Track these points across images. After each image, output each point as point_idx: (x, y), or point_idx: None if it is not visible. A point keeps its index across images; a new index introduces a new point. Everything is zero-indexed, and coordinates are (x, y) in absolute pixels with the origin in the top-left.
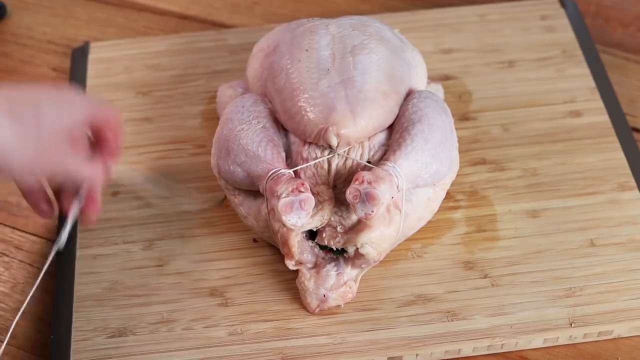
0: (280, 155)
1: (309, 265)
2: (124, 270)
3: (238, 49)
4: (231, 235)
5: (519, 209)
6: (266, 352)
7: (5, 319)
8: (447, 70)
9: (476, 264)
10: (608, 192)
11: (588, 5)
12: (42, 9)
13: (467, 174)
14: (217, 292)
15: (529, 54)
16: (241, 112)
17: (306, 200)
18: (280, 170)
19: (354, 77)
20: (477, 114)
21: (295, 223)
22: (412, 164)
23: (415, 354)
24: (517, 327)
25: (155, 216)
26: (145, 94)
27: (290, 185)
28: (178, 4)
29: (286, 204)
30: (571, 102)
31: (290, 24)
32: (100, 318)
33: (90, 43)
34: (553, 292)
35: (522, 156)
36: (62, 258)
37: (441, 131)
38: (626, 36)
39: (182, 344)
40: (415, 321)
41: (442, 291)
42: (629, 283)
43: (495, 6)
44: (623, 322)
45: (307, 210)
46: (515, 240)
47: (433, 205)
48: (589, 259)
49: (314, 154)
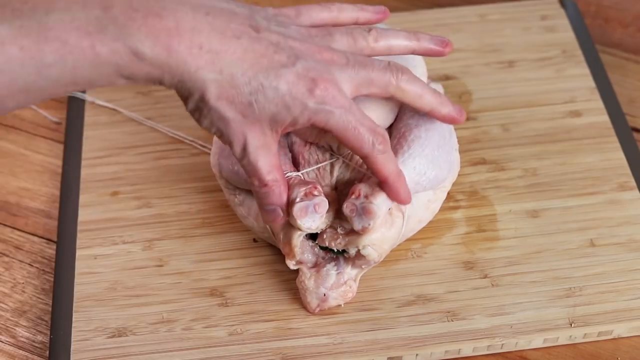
0: (287, 156)
1: (309, 264)
2: (124, 270)
3: None
4: (231, 235)
5: (519, 209)
6: (266, 352)
7: (5, 319)
8: (447, 70)
9: (476, 264)
10: (608, 192)
11: (588, 5)
12: None
13: (467, 174)
14: (217, 292)
15: (529, 54)
16: None
17: (320, 203)
18: (288, 173)
19: None
20: (477, 114)
21: (309, 226)
22: (410, 171)
23: (415, 354)
24: (517, 327)
25: (155, 216)
26: (145, 94)
27: (302, 189)
28: None
29: (301, 209)
30: (571, 102)
31: None
32: (100, 318)
33: None
34: (553, 292)
35: (522, 156)
36: (62, 258)
37: (439, 135)
38: (626, 36)
39: (182, 344)
40: (415, 321)
41: (442, 291)
42: (629, 283)
43: (495, 6)
44: (623, 322)
45: (322, 213)
46: (515, 240)
47: (433, 206)
48: (589, 259)
49: (315, 155)
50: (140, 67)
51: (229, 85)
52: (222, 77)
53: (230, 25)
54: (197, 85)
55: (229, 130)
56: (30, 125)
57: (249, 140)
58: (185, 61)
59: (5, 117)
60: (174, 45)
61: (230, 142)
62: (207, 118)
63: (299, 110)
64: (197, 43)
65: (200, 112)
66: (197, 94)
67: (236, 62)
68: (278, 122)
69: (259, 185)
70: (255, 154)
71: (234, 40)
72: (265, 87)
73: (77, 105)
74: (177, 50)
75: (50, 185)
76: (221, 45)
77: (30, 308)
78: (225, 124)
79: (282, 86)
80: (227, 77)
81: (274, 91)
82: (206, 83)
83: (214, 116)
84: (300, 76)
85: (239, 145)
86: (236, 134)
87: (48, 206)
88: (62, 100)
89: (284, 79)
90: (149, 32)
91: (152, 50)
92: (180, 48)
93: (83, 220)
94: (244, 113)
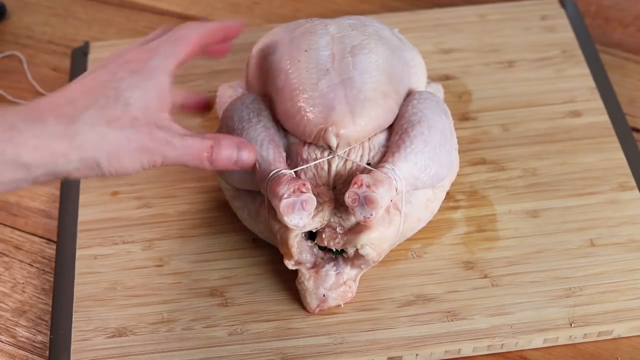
0: (281, 155)
1: (308, 265)
2: (124, 270)
3: (238, 49)
4: (231, 235)
5: (519, 209)
6: (266, 352)
7: (5, 319)
8: (447, 70)
9: (476, 264)
10: (608, 192)
11: (588, 5)
12: (42, 9)
13: (467, 174)
14: (217, 292)
15: (529, 54)
16: (240, 109)
17: (308, 200)
18: (282, 171)
19: (354, 77)
20: (477, 114)
21: (297, 223)
22: (412, 166)
23: (415, 354)
24: (517, 327)
25: (155, 216)
26: None
27: (291, 186)
28: (178, 4)
29: (288, 205)
30: (571, 102)
31: (289, 25)
32: (100, 318)
33: (90, 43)
34: (553, 292)
35: (522, 156)
36: (62, 258)
37: (441, 133)
38: (626, 36)
39: (182, 344)
40: (415, 321)
41: (442, 291)
42: (629, 283)
43: (495, 6)
44: (623, 322)
45: (309, 211)
46: (515, 240)
47: (433, 206)
48: (589, 259)
49: (313, 155)
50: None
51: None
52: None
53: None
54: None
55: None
56: None
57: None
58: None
59: None
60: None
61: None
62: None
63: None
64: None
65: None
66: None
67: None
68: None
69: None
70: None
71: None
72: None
73: None
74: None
75: (50, 185)
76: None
77: (30, 308)
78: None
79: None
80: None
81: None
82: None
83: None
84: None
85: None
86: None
87: (48, 206)
88: None
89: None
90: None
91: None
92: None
93: (83, 220)
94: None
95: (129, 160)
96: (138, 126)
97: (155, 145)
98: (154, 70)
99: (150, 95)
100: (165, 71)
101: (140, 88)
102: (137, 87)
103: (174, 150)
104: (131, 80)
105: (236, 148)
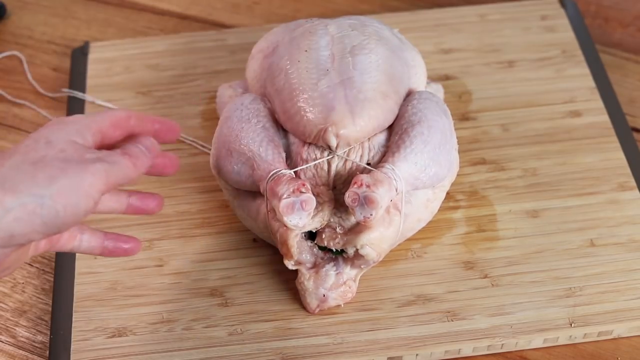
0: (281, 155)
1: (308, 265)
2: (124, 270)
3: (238, 49)
4: (231, 235)
5: (519, 209)
6: (266, 352)
7: (5, 319)
8: (447, 70)
9: (476, 264)
10: (608, 192)
11: (588, 5)
12: (42, 9)
13: (467, 174)
14: (217, 292)
15: (529, 54)
16: (240, 109)
17: (307, 200)
18: (281, 171)
19: (353, 77)
20: (477, 114)
21: (296, 224)
22: (411, 166)
23: (415, 354)
24: (517, 327)
25: (155, 216)
26: (145, 94)
27: (291, 186)
28: (178, 4)
29: (287, 205)
30: (571, 102)
31: (288, 25)
32: (100, 318)
33: (90, 43)
34: (553, 292)
35: (522, 156)
36: (62, 258)
37: (441, 133)
38: (626, 36)
39: (182, 344)
40: (415, 321)
41: (442, 291)
42: (629, 283)
43: (495, 6)
44: (623, 322)
45: (308, 211)
46: (515, 240)
47: (432, 206)
48: (589, 259)
49: (313, 155)
50: None
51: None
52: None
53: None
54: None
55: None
56: (31, 125)
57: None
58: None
59: (5, 117)
60: None
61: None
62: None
63: None
64: None
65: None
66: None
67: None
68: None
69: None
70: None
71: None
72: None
73: (77, 105)
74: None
75: None
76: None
77: (30, 308)
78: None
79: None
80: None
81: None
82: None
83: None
84: None
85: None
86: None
87: None
88: (62, 100)
89: None
90: None
91: None
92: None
93: (83, 220)
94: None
95: (73, 192)
96: (67, 157)
97: (94, 167)
98: (73, 118)
99: (72, 130)
100: (86, 117)
101: (61, 130)
102: (58, 130)
103: (115, 164)
104: (51, 128)
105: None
